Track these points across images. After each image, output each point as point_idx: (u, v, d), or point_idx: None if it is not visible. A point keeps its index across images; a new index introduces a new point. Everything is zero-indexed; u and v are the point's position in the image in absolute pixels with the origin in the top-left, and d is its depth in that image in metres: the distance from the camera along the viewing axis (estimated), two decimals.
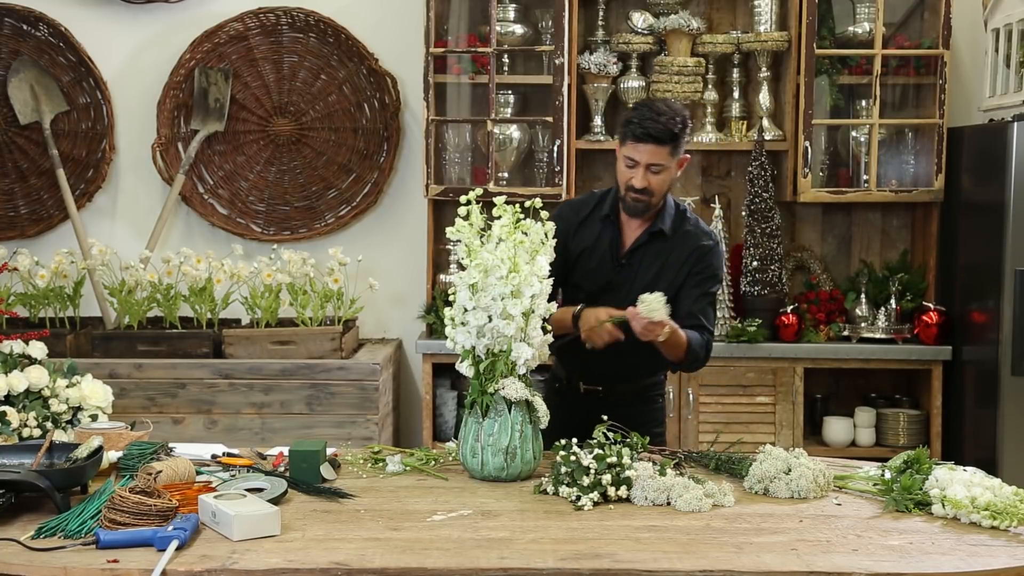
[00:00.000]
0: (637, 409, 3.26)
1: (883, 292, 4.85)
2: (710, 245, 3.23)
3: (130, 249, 4.92)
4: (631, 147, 3.08)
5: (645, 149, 3.06)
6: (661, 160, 3.07)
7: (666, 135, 3.04)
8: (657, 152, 3.06)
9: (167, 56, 5.01)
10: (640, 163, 3.07)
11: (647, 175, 3.08)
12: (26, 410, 3.04)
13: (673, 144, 3.07)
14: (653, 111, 3.07)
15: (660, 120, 3.04)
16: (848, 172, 4.99)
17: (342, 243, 4.93)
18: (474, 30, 4.94)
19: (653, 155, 3.06)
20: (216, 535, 2.35)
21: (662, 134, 3.04)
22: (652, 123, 3.04)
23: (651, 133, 3.03)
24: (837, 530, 2.44)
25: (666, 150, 3.06)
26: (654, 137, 3.04)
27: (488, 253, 2.75)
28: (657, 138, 3.04)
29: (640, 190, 3.10)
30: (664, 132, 3.04)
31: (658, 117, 3.05)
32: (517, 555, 2.26)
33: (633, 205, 3.15)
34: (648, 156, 3.06)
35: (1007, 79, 4.49)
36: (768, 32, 4.83)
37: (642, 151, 3.06)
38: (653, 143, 3.05)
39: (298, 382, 4.43)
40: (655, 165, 3.08)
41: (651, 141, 3.04)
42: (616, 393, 3.26)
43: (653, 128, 3.03)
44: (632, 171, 3.09)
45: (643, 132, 3.04)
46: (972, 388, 4.56)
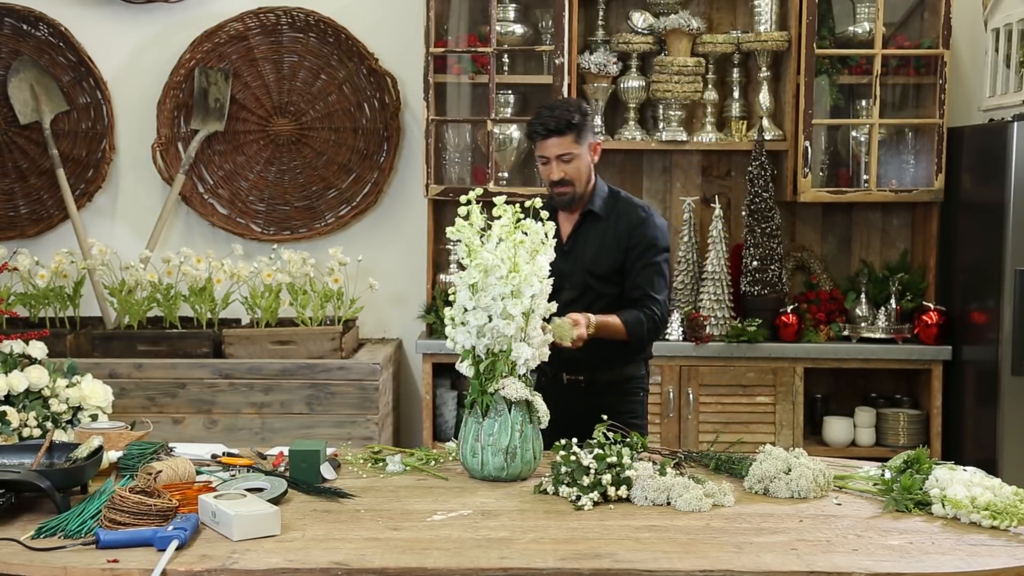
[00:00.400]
0: (618, 399, 3.36)
1: (883, 292, 4.86)
2: (644, 216, 3.40)
3: (130, 249, 4.92)
4: (539, 146, 3.32)
5: (549, 143, 3.28)
6: (567, 149, 3.28)
7: (563, 125, 3.26)
8: (561, 143, 3.28)
9: (167, 56, 5.01)
10: (550, 157, 3.29)
11: (560, 166, 3.30)
12: (26, 410, 3.04)
13: (574, 132, 3.28)
14: (548, 108, 3.34)
15: (555, 114, 3.28)
16: (848, 172, 4.99)
17: (342, 243, 4.93)
18: (474, 30, 4.94)
19: (558, 146, 3.28)
20: (216, 535, 2.35)
21: (559, 125, 3.26)
22: (548, 118, 3.28)
23: (549, 127, 3.27)
24: (837, 530, 2.44)
25: (569, 139, 3.28)
26: (552, 130, 3.27)
27: (488, 253, 2.76)
28: (555, 130, 3.26)
29: (559, 181, 3.32)
30: (560, 123, 3.26)
31: (552, 111, 3.30)
32: (517, 555, 2.26)
33: (560, 199, 3.35)
34: (554, 148, 3.28)
35: (1007, 79, 4.49)
36: (768, 32, 4.83)
37: (548, 146, 3.29)
38: (554, 136, 3.27)
39: (298, 382, 4.43)
40: (564, 155, 3.29)
41: (551, 134, 3.27)
42: (596, 383, 3.36)
43: (550, 122, 3.27)
44: (547, 167, 3.32)
45: (543, 128, 3.28)
46: (972, 388, 4.56)
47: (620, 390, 3.42)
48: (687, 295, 4.88)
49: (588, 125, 3.31)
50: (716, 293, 4.76)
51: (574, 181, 3.32)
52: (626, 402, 3.42)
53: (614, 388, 3.39)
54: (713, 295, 4.76)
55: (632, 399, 3.46)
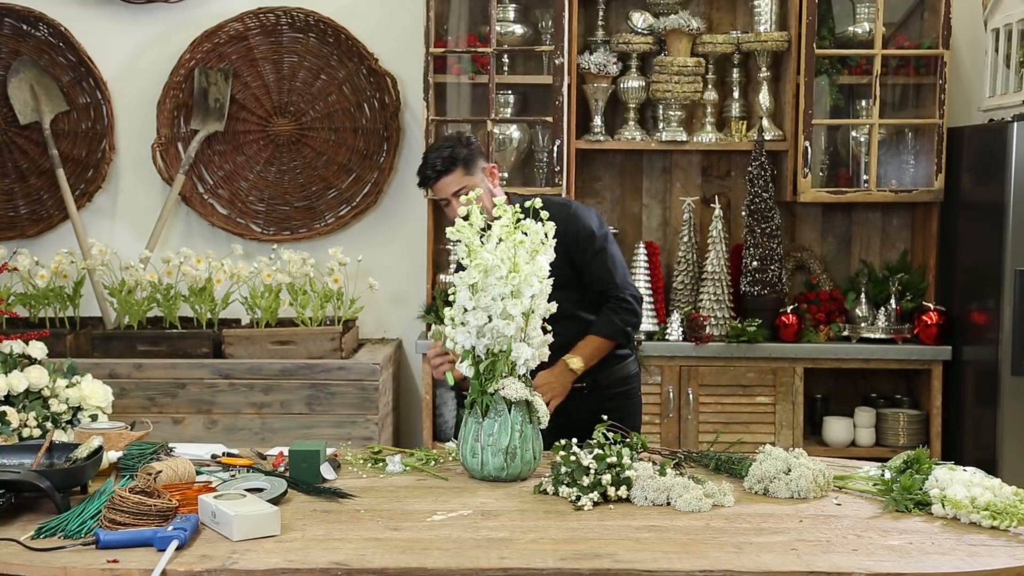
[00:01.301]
0: (619, 402, 3.34)
1: (883, 292, 4.86)
2: (568, 212, 3.31)
3: (130, 249, 4.92)
4: (433, 190, 3.30)
5: (441, 184, 3.25)
6: (461, 184, 3.23)
7: (448, 162, 3.23)
8: (452, 180, 3.24)
9: (167, 56, 5.02)
10: (448, 197, 3.25)
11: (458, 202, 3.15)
12: (26, 410, 3.04)
13: (462, 165, 3.24)
14: (431, 150, 3.33)
15: (439, 154, 3.25)
16: (848, 172, 4.99)
17: (342, 243, 4.93)
18: (474, 30, 4.94)
19: (451, 184, 3.24)
20: (216, 535, 2.35)
21: (445, 164, 3.23)
22: (433, 160, 3.25)
23: (436, 168, 3.24)
24: (837, 530, 2.44)
25: (459, 173, 3.24)
26: (441, 171, 3.23)
27: (488, 253, 2.76)
28: (443, 170, 3.23)
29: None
30: (445, 161, 3.23)
31: (428, 157, 3.29)
32: (517, 555, 2.26)
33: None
34: (449, 187, 3.24)
35: (1007, 79, 4.49)
36: (768, 32, 4.83)
37: (441, 187, 3.26)
38: (443, 176, 3.24)
39: (298, 382, 4.43)
40: (460, 190, 3.21)
41: (440, 175, 3.24)
42: (598, 387, 3.33)
43: (436, 164, 3.24)
44: (449, 208, 3.27)
45: (431, 171, 3.25)
46: (972, 388, 4.56)
47: (620, 392, 3.41)
48: (687, 295, 4.88)
49: (474, 154, 3.27)
50: (716, 293, 4.76)
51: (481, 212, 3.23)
52: (628, 404, 3.42)
53: (615, 390, 3.39)
54: (713, 295, 4.76)
55: (632, 400, 3.47)
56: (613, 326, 3.28)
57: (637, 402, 3.50)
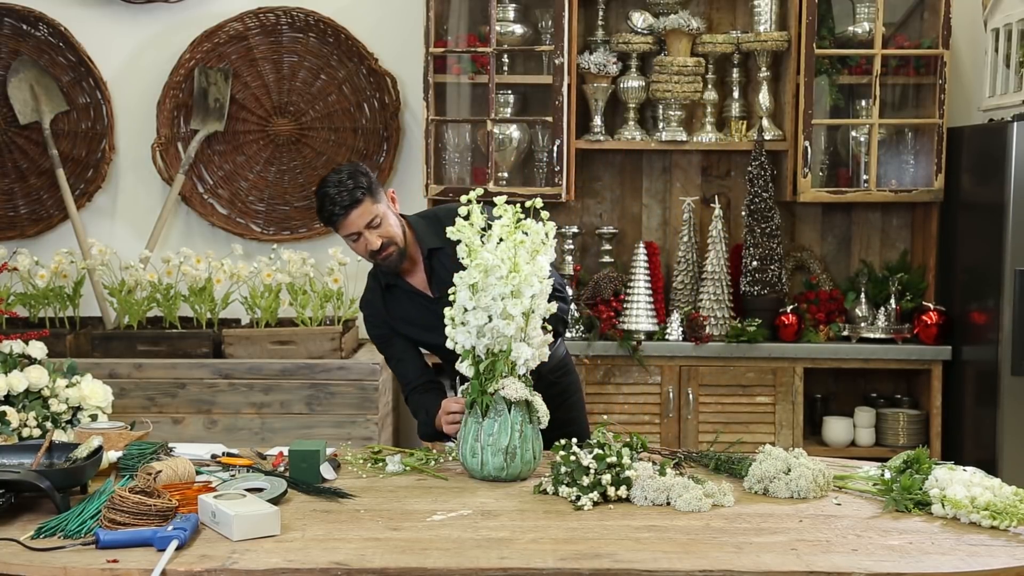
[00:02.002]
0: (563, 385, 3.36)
1: (883, 292, 4.86)
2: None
3: (130, 249, 4.92)
4: (343, 227, 3.10)
5: (351, 219, 3.07)
6: (370, 215, 3.08)
7: (356, 193, 3.05)
8: (362, 212, 3.07)
9: (167, 56, 5.02)
10: (360, 231, 3.09)
11: (373, 233, 3.10)
12: (26, 410, 3.04)
13: (369, 196, 3.07)
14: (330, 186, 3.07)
15: (342, 188, 3.05)
16: (848, 172, 4.99)
17: (342, 243, 4.91)
18: (474, 30, 4.94)
19: (361, 216, 3.07)
20: (216, 535, 2.35)
21: (352, 197, 3.05)
22: (337, 196, 3.05)
23: (344, 204, 3.05)
24: (837, 530, 2.44)
25: (367, 204, 3.07)
26: (348, 205, 3.05)
27: (488, 253, 2.76)
28: (352, 203, 3.05)
29: (381, 249, 3.12)
30: (352, 194, 3.05)
31: (338, 187, 3.05)
32: (517, 555, 2.26)
33: (389, 265, 3.17)
34: (359, 220, 3.07)
35: (1007, 79, 4.49)
36: (768, 32, 4.83)
37: (351, 222, 3.08)
38: (352, 209, 3.06)
39: (298, 382, 4.43)
40: (372, 221, 3.08)
41: (348, 209, 3.06)
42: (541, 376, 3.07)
43: (343, 199, 3.04)
44: (360, 242, 3.11)
45: (339, 208, 3.05)
46: (972, 388, 4.56)
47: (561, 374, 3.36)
48: (687, 295, 4.88)
49: (375, 182, 3.12)
50: (716, 293, 4.76)
51: (394, 239, 3.12)
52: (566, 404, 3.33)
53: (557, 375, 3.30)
54: (713, 295, 4.76)
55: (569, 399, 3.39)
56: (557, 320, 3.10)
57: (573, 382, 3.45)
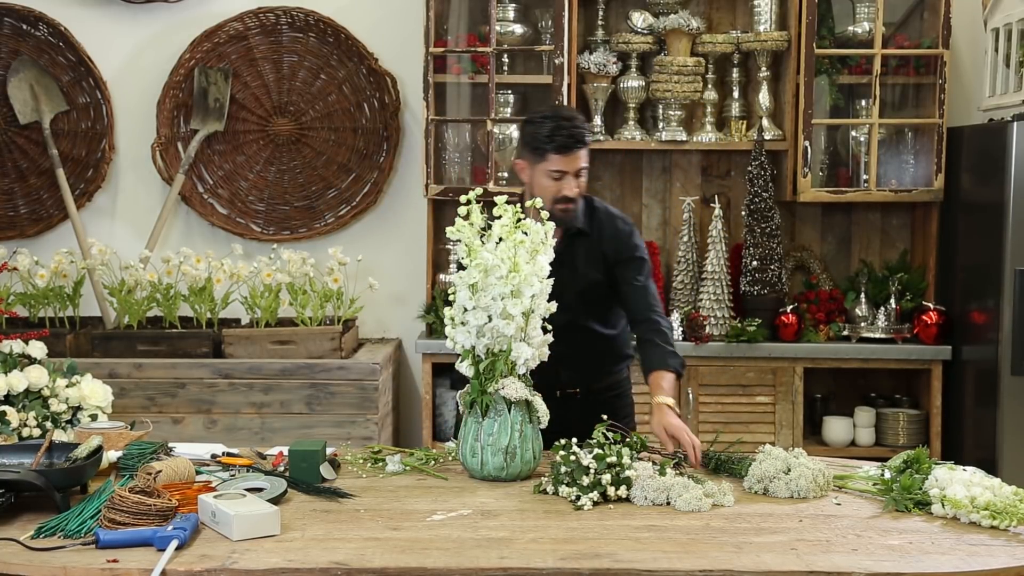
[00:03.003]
0: (613, 405, 3.29)
1: (883, 292, 4.86)
2: (626, 228, 3.28)
3: (130, 249, 4.92)
4: (556, 159, 3.07)
5: (573, 157, 3.08)
6: (584, 163, 3.12)
7: (586, 136, 3.10)
8: (580, 156, 3.10)
9: (167, 56, 5.02)
10: (568, 172, 3.08)
11: (575, 181, 3.11)
12: (26, 410, 3.04)
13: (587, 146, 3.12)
14: (565, 119, 3.09)
15: (577, 125, 3.08)
16: (848, 172, 4.99)
17: (342, 243, 4.93)
18: (474, 30, 4.94)
19: (579, 160, 3.09)
20: (216, 535, 2.36)
21: (584, 137, 3.08)
22: (573, 130, 3.06)
23: (578, 139, 3.06)
24: (837, 530, 2.44)
25: (585, 152, 3.11)
26: (581, 142, 3.07)
27: (488, 253, 2.76)
28: (583, 142, 3.08)
29: (572, 199, 3.12)
30: (585, 134, 3.09)
31: (574, 123, 3.08)
32: (517, 555, 2.26)
33: (564, 216, 3.14)
34: (576, 163, 3.09)
35: (1007, 79, 4.49)
36: (768, 32, 4.83)
37: (570, 160, 3.08)
38: (577, 148, 3.07)
39: (298, 382, 4.43)
40: (581, 170, 3.11)
41: (577, 147, 3.07)
42: (592, 392, 3.28)
43: (578, 134, 3.06)
44: (560, 183, 3.09)
45: (571, 141, 3.05)
46: (972, 388, 4.56)
47: (614, 396, 3.37)
48: (687, 295, 4.88)
49: None
50: (716, 293, 4.76)
51: (580, 197, 3.16)
52: (622, 407, 3.38)
53: (608, 395, 3.35)
54: (713, 295, 4.76)
55: (625, 403, 3.43)
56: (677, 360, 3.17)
57: (630, 404, 3.47)
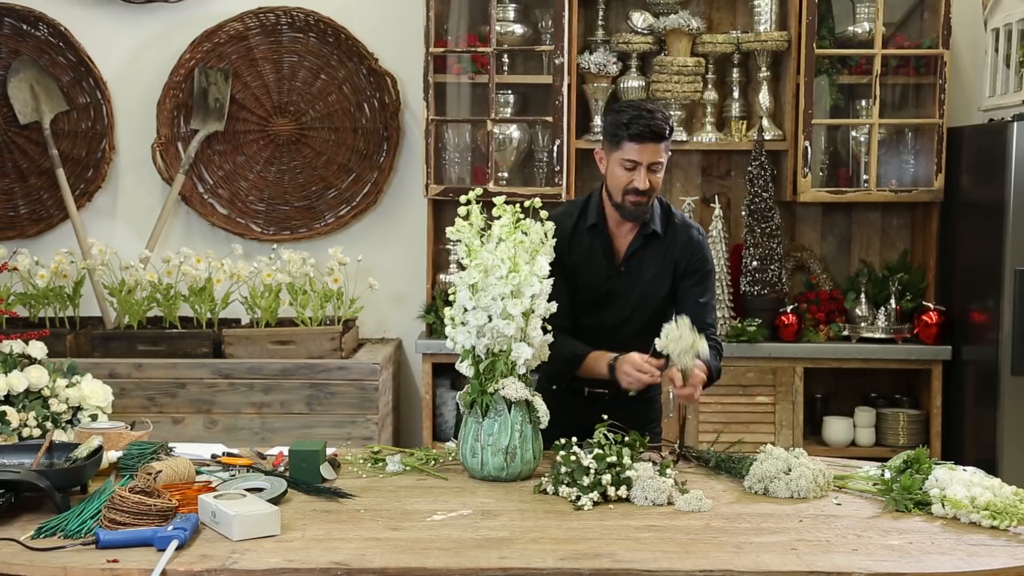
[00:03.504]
0: (639, 409, 3.24)
1: (883, 292, 4.86)
2: (700, 239, 3.25)
3: (130, 249, 4.92)
4: (631, 149, 3.03)
5: (648, 148, 3.02)
6: (660, 158, 3.06)
7: (666, 131, 3.03)
8: (657, 150, 3.04)
9: (167, 56, 5.01)
10: (641, 163, 3.04)
11: (648, 175, 3.05)
12: (26, 410, 3.04)
13: (667, 141, 3.06)
14: (646, 110, 3.05)
15: (657, 117, 3.03)
16: (848, 172, 4.99)
17: (342, 243, 4.93)
18: (474, 30, 4.94)
19: (654, 153, 3.04)
20: (216, 535, 2.35)
21: (663, 130, 3.02)
22: (651, 121, 3.01)
23: (654, 131, 3.01)
24: (837, 530, 2.44)
25: (663, 147, 3.05)
26: (657, 135, 3.01)
27: (488, 253, 2.76)
28: (660, 135, 3.02)
29: (643, 191, 3.07)
30: (664, 128, 3.03)
31: (654, 115, 3.03)
32: (517, 555, 2.26)
33: (633, 210, 3.11)
34: (650, 155, 3.03)
35: (1007, 79, 4.49)
36: (768, 32, 4.83)
37: (645, 151, 3.02)
38: (655, 141, 3.02)
39: (298, 382, 4.43)
40: (655, 164, 3.05)
41: (654, 139, 3.02)
42: (621, 394, 3.18)
43: (655, 126, 3.01)
44: (632, 173, 3.05)
45: (647, 131, 3.01)
46: (972, 388, 4.56)
47: (641, 399, 3.26)
48: None
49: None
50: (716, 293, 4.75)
51: (654, 191, 3.10)
52: (648, 412, 3.33)
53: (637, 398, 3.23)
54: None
55: (653, 407, 3.37)
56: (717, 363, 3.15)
57: (657, 409, 3.40)
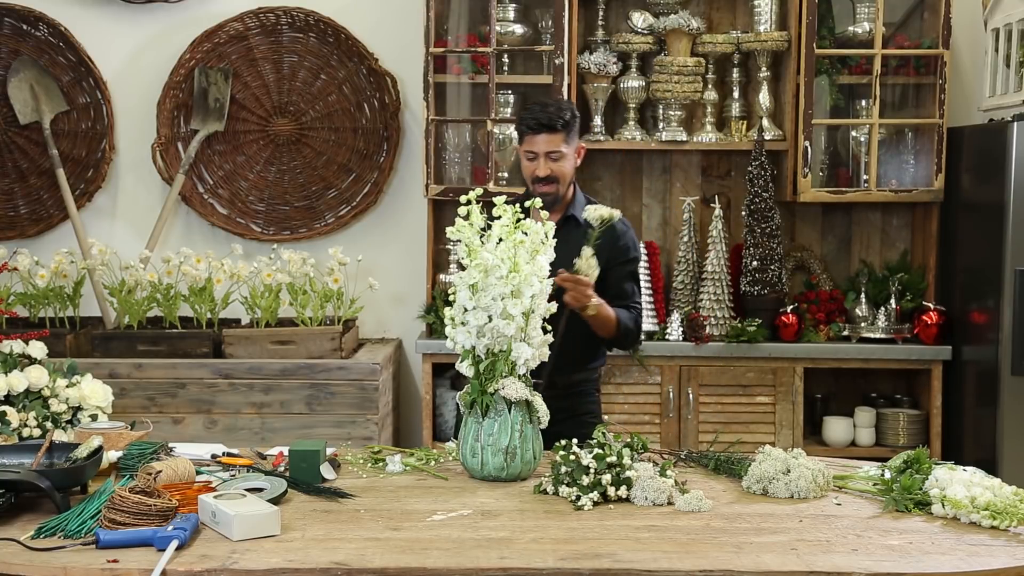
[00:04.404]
0: (575, 400, 3.42)
1: (883, 292, 4.86)
2: (623, 228, 3.46)
3: (130, 249, 4.92)
4: (528, 140, 3.35)
5: (542, 138, 3.32)
6: (557, 147, 3.33)
7: (557, 122, 3.31)
8: (552, 139, 3.32)
9: (167, 56, 5.01)
10: (539, 153, 3.33)
11: (547, 163, 3.33)
12: (26, 410, 3.04)
13: (566, 132, 3.33)
14: (542, 105, 3.39)
15: (549, 111, 3.34)
16: (848, 172, 4.99)
17: (342, 243, 4.93)
18: (474, 30, 4.94)
19: (549, 143, 3.32)
20: (216, 535, 2.35)
21: (552, 121, 3.31)
22: (541, 114, 3.33)
23: (542, 122, 3.31)
24: (837, 530, 2.44)
25: (560, 137, 3.33)
26: (545, 125, 3.31)
27: (488, 253, 2.76)
28: (548, 125, 3.31)
29: (544, 179, 3.34)
30: (554, 119, 3.31)
31: (547, 108, 3.35)
32: (517, 555, 2.26)
33: (543, 197, 3.23)
34: (545, 145, 3.32)
35: (1007, 79, 4.49)
36: (768, 32, 4.83)
37: (538, 141, 3.33)
38: (546, 131, 3.31)
39: (298, 382, 4.43)
40: (553, 152, 3.33)
41: (544, 130, 3.31)
42: (554, 386, 3.22)
43: (543, 117, 3.32)
44: (533, 163, 3.36)
45: (536, 123, 3.32)
46: (972, 388, 4.56)
47: (576, 392, 3.44)
48: (687, 295, 4.88)
49: (577, 127, 3.39)
50: (716, 293, 4.76)
51: (559, 180, 3.36)
52: (584, 403, 3.47)
53: (570, 391, 3.41)
54: (713, 295, 4.76)
55: (589, 399, 3.51)
56: (630, 322, 3.38)
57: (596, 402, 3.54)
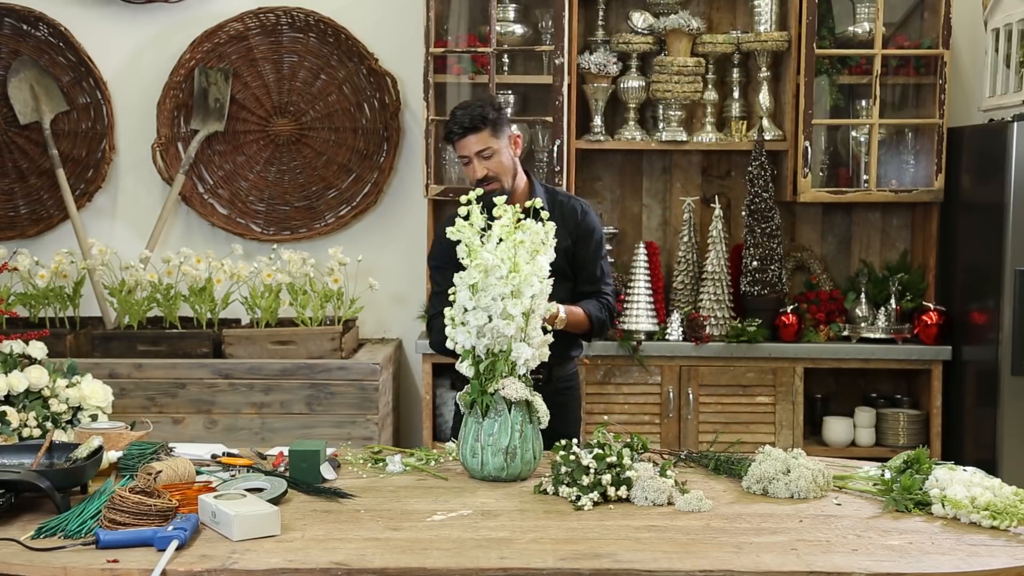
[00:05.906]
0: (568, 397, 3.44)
1: (883, 292, 4.86)
2: (584, 210, 3.46)
3: (130, 249, 4.92)
4: (457, 146, 3.32)
5: (466, 141, 3.29)
6: (486, 144, 3.29)
7: (477, 121, 3.27)
8: (478, 139, 3.28)
9: (167, 56, 5.02)
10: (470, 155, 3.30)
11: (481, 163, 3.30)
12: (26, 410, 3.04)
13: (490, 127, 3.29)
14: (461, 108, 3.34)
15: (468, 111, 3.29)
16: (848, 172, 4.99)
17: (342, 243, 4.93)
18: (474, 30, 4.94)
19: (476, 143, 3.28)
20: (216, 535, 2.36)
21: (473, 121, 3.27)
22: (462, 117, 3.29)
23: (464, 125, 3.28)
24: (837, 530, 2.44)
25: (485, 134, 3.28)
26: (468, 127, 3.27)
27: (488, 253, 2.76)
28: (471, 127, 3.27)
29: (484, 179, 3.30)
30: (475, 119, 3.27)
31: (466, 109, 3.31)
32: (517, 555, 2.26)
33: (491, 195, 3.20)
34: (472, 146, 3.29)
35: (1007, 79, 4.49)
36: (768, 32, 4.83)
37: (466, 144, 3.29)
38: (470, 133, 3.28)
39: (298, 382, 4.43)
40: (483, 151, 3.29)
41: (467, 132, 3.28)
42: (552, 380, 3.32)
43: (464, 120, 3.28)
44: (469, 166, 3.32)
45: (458, 127, 3.29)
46: (972, 388, 4.56)
47: (567, 387, 3.47)
48: (687, 295, 4.88)
49: (503, 119, 3.34)
50: (716, 293, 4.76)
51: (499, 176, 3.32)
52: (574, 398, 3.51)
53: (564, 385, 3.44)
54: (713, 295, 4.76)
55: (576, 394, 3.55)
56: (601, 312, 3.38)
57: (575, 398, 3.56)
